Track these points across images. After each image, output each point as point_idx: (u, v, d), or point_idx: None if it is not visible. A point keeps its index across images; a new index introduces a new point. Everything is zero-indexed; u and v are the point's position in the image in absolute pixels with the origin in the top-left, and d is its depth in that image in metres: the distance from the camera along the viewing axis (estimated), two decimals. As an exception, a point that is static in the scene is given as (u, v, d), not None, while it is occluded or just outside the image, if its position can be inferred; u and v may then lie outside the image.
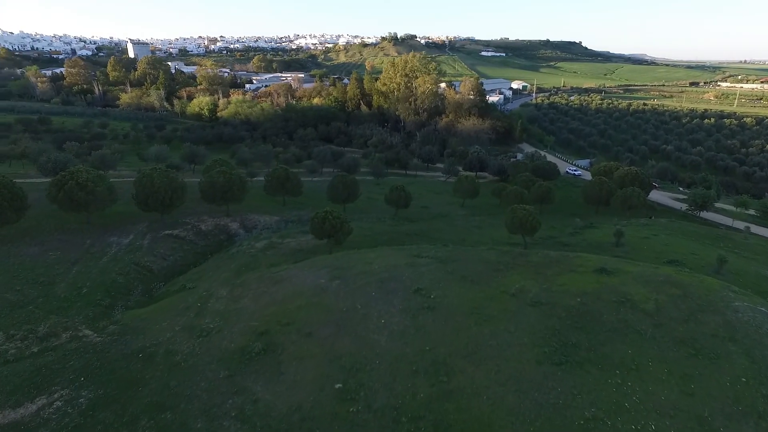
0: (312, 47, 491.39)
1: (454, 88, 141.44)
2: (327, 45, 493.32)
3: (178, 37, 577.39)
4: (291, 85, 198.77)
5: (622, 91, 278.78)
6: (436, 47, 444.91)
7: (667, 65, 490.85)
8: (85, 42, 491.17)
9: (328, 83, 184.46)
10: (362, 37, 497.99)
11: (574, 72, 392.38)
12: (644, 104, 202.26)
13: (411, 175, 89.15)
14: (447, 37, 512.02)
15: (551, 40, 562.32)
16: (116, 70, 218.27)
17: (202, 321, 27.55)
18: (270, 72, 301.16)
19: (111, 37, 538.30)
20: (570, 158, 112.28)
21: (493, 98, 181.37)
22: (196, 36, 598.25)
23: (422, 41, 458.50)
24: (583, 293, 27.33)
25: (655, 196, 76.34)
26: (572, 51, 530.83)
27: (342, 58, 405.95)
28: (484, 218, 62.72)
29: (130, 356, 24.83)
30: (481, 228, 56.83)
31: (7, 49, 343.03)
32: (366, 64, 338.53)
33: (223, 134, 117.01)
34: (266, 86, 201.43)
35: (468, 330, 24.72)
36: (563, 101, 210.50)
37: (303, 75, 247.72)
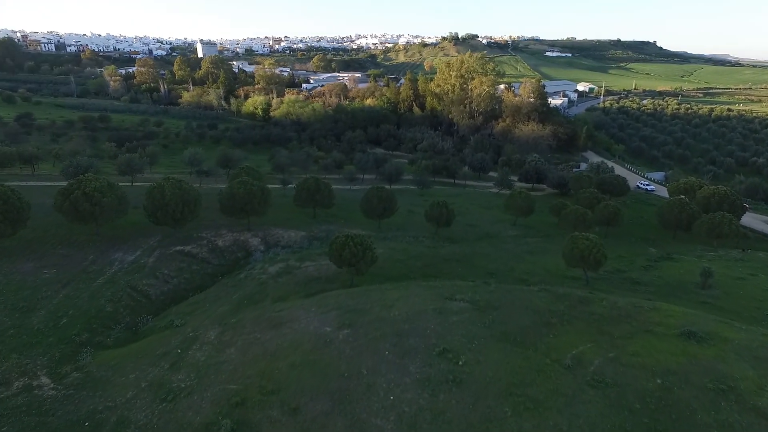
0: (372, 47, 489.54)
1: (513, 91, 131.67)
2: (387, 45, 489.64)
3: (245, 38, 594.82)
4: (346, 85, 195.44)
5: (701, 95, 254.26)
6: (498, 47, 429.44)
7: (754, 66, 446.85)
8: (161, 42, 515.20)
9: (382, 83, 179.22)
10: (422, 37, 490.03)
11: (647, 74, 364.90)
12: (729, 110, 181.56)
13: (460, 185, 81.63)
14: (510, 37, 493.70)
15: (622, 39, 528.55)
16: (182, 69, 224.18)
17: (175, 377, 22.38)
18: (328, 72, 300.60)
19: (185, 38, 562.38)
20: (641, 170, 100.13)
21: (555, 101, 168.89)
22: (262, 36, 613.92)
23: (484, 41, 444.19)
24: (665, 371, 20.07)
25: (746, 219, 64.55)
26: (645, 51, 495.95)
27: (401, 58, 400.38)
28: (538, 241, 54.59)
29: (75, 424, 20.02)
30: (534, 254, 48.94)
31: (93, 50, 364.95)
32: (425, 64, 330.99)
33: (271, 135, 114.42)
34: (322, 86, 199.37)
35: (502, 422, 17.94)
36: (634, 105, 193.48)
37: (360, 75, 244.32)
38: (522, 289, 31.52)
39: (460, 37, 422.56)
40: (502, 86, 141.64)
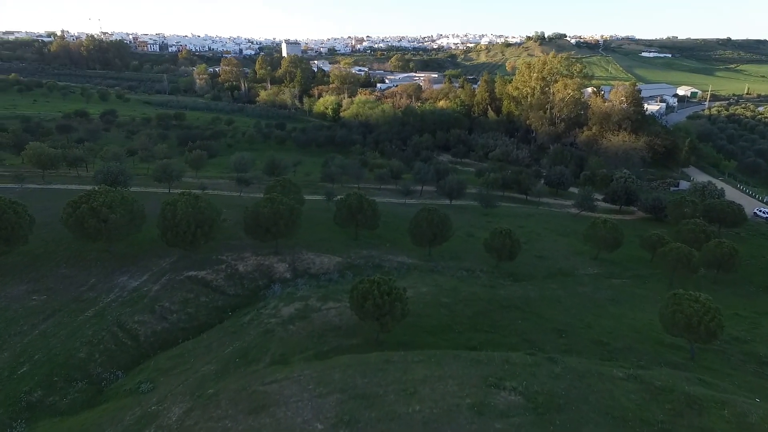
0: (453, 47, 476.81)
1: (602, 95, 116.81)
2: (468, 45, 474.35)
3: (330, 38, 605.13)
4: (420, 85, 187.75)
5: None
6: (587, 47, 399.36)
7: None
8: (252, 42, 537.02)
9: (457, 84, 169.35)
10: (506, 37, 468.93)
11: (763, 76, 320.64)
12: None
13: (533, 202, 71.16)
14: (602, 36, 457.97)
15: (732, 38, 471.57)
16: (263, 68, 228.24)
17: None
18: (406, 71, 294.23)
19: (274, 38, 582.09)
20: (759, 192, 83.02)
21: (651, 107, 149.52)
22: (345, 36, 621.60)
23: (572, 41, 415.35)
24: None
25: None
26: (761, 51, 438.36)
27: (482, 58, 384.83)
28: (625, 284, 43.95)
29: None
30: (619, 303, 38.84)
31: (189, 49, 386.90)
32: (506, 65, 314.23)
33: (336, 137, 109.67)
34: (395, 86, 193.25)
35: None
36: (748, 113, 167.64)
37: (436, 75, 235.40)
38: (601, 374, 22.40)
39: (546, 36, 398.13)
40: (589, 89, 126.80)
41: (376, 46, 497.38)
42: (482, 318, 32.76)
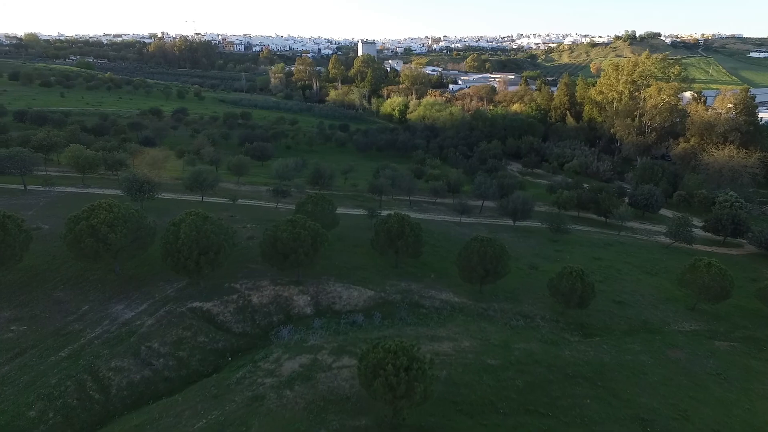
0: (534, 47, 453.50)
1: (704, 101, 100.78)
2: (550, 45, 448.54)
3: (406, 37, 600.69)
4: (494, 87, 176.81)
5: None
6: (685, 47, 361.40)
7: None
8: (330, 42, 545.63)
9: (534, 87, 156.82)
10: (592, 37, 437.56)
11: None
12: None
13: (613, 226, 60.47)
14: (702, 35, 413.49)
15: None
16: (336, 67, 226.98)
17: None
18: (481, 72, 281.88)
19: (352, 38, 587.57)
20: None
21: (762, 114, 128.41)
22: (423, 36, 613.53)
23: (667, 40, 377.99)
24: None
25: None
26: None
27: (564, 59, 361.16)
28: (733, 349, 33.81)
29: None
30: (727, 381, 29.33)
31: (271, 49, 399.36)
32: (591, 66, 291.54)
33: (397, 141, 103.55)
34: (468, 87, 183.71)
35: None
36: None
37: (513, 76, 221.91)
38: None
39: (637, 35, 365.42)
40: (687, 94, 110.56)
41: (452, 46, 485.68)
42: (538, 392, 25.17)
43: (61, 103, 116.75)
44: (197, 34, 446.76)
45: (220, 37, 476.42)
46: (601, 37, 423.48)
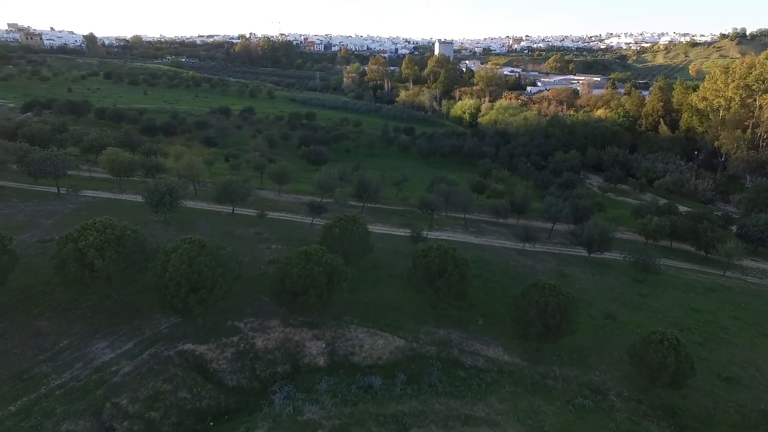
0: (624, 47, 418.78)
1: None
2: (643, 44, 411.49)
3: (486, 37, 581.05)
4: (577, 90, 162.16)
5: None
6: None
7: None
8: (408, 42, 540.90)
9: (622, 90, 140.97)
10: (692, 35, 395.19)
11: None
12: None
13: (716, 263, 49.17)
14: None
15: None
16: (408, 67, 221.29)
17: None
18: (564, 74, 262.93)
19: (430, 38, 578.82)
20: None
21: None
22: (503, 36, 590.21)
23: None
24: None
25: None
26: None
27: (659, 60, 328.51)
28: None
29: None
30: None
31: (349, 49, 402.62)
32: (689, 68, 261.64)
33: (464, 147, 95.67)
34: (547, 90, 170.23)
35: None
36: None
37: (598, 78, 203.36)
38: None
39: (747, 33, 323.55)
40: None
41: (534, 46, 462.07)
42: None
43: (143, 101, 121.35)
44: (281, 35, 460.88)
45: (302, 37, 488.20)
46: (702, 35, 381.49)
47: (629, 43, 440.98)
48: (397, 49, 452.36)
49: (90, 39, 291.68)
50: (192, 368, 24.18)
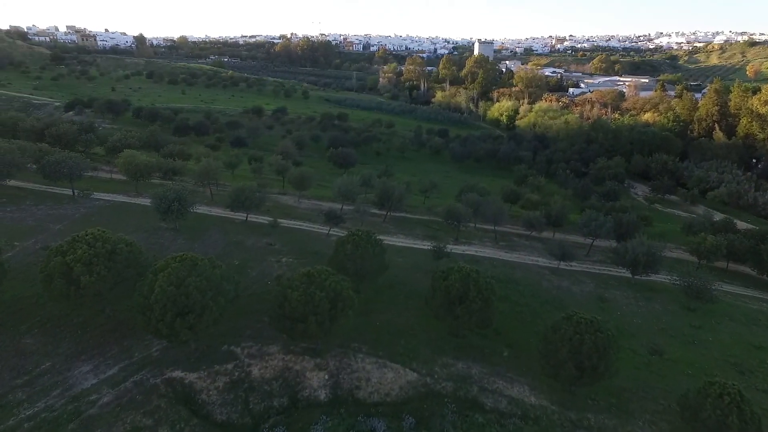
0: (675, 47, 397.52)
1: None
2: (696, 44, 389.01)
3: (527, 37, 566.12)
4: (623, 92, 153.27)
5: None
6: None
7: None
8: (448, 42, 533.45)
9: (672, 93, 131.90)
10: (750, 34, 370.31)
11: None
12: None
13: (781, 290, 43.40)
14: None
15: None
16: (446, 68, 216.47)
17: None
18: (609, 75, 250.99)
19: (470, 38, 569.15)
20: None
21: None
22: (546, 36, 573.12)
23: None
24: None
25: None
26: None
27: (713, 60, 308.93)
28: None
29: None
30: None
31: (387, 49, 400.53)
32: (747, 68, 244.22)
33: (499, 151, 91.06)
34: (590, 91, 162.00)
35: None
36: None
37: (646, 80, 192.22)
38: None
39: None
40: None
41: (578, 45, 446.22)
42: None
43: (180, 100, 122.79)
44: (321, 35, 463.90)
45: (341, 37, 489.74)
46: (762, 34, 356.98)
47: (680, 43, 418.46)
48: (436, 49, 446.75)
49: (139, 40, 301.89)
50: (178, 399, 21.89)
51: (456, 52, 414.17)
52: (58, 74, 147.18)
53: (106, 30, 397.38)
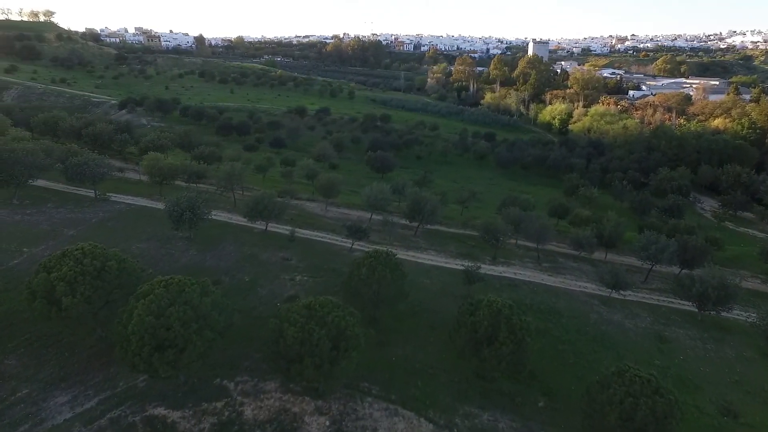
0: (750, 46, 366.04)
1: None
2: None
3: (586, 37, 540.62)
4: (690, 95, 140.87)
5: None
6: None
7: None
8: (501, 42, 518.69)
9: (747, 97, 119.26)
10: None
11: None
12: None
13: None
14: None
15: None
16: (497, 68, 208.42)
17: None
18: (674, 76, 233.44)
19: (525, 38, 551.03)
20: None
21: None
22: (606, 35, 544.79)
23: None
24: None
25: None
26: None
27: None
28: None
29: None
30: None
31: (438, 49, 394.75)
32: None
33: (549, 158, 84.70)
34: (653, 94, 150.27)
35: None
36: None
37: (716, 82, 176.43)
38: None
39: None
40: None
41: (641, 45, 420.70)
42: None
43: (228, 99, 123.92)
44: (372, 35, 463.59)
45: (392, 36, 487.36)
46: None
47: (756, 42, 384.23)
48: (488, 49, 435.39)
49: (199, 40, 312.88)
50: (156, 443, 19.33)
51: (509, 53, 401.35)
52: (119, 73, 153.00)
53: (171, 31, 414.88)
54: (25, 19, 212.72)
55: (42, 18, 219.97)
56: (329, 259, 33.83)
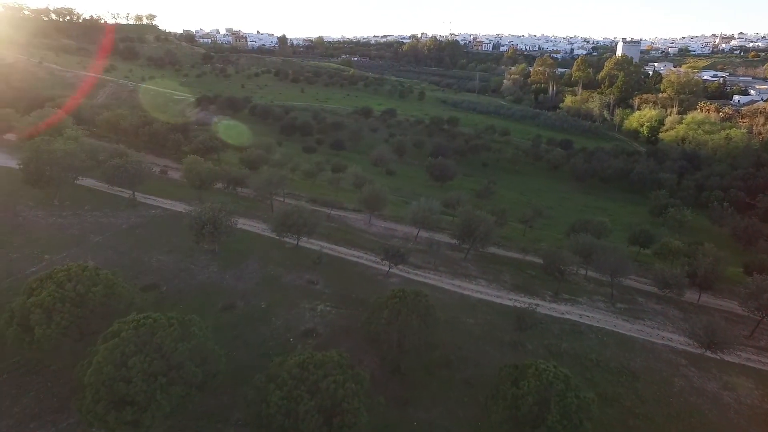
0: None
1: None
2: None
3: (684, 36, 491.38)
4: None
5: None
6: None
7: None
8: (587, 42, 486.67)
9: None
10: None
11: None
12: None
13: None
14: None
15: None
16: (580, 70, 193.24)
17: None
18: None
19: (614, 37, 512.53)
20: None
21: None
22: (708, 34, 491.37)
23: None
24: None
25: None
26: None
27: None
28: None
29: None
30: None
31: (518, 49, 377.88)
32: None
33: (632, 171, 74.45)
34: (765, 100, 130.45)
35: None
36: None
37: None
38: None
39: None
40: None
41: (750, 45, 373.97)
42: None
43: (297, 98, 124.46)
44: (450, 34, 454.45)
45: (471, 36, 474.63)
46: None
47: None
48: (572, 50, 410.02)
49: (281, 40, 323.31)
50: None
51: (595, 53, 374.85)
52: (203, 72, 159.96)
53: (258, 32, 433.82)
54: (131, 22, 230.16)
55: (145, 21, 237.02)
56: (360, 286, 29.65)
